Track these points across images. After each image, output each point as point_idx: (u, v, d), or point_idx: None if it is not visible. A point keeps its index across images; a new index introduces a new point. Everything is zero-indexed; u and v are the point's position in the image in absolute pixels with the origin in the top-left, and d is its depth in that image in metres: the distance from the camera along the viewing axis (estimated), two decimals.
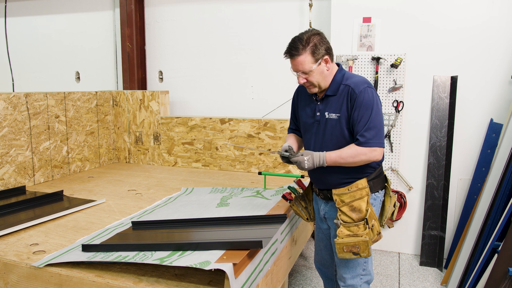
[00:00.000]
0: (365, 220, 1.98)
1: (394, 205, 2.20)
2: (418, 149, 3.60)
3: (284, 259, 2.35)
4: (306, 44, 1.94)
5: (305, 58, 1.95)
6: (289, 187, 2.45)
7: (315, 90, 2.05)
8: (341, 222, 2.00)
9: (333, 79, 2.05)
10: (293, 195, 2.41)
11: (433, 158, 3.52)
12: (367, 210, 1.99)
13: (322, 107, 2.08)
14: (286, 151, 2.09)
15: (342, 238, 1.97)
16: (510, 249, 2.48)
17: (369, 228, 1.98)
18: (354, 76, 2.05)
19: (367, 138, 1.94)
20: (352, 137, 2.02)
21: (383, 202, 2.18)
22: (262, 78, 4.28)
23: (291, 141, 2.30)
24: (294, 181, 2.50)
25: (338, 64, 2.12)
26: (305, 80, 2.02)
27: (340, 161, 1.98)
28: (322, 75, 2.01)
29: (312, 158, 1.99)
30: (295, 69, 2.01)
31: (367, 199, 2.01)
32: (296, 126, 2.35)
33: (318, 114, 2.10)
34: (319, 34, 1.99)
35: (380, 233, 2.04)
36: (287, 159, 2.10)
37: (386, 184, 2.18)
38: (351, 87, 1.98)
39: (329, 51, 2.01)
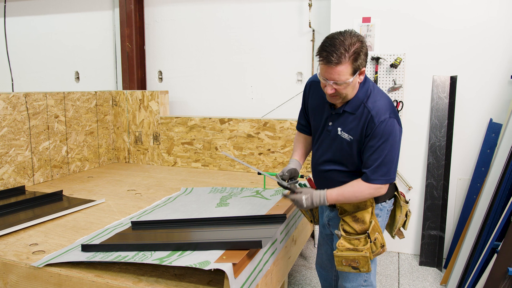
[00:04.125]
0: (366, 234, 1.88)
1: (406, 215, 2.09)
2: (417, 149, 3.61)
3: (283, 259, 2.35)
4: (349, 51, 1.68)
5: (345, 69, 1.69)
6: (299, 185, 2.41)
7: (339, 101, 1.84)
8: (342, 233, 1.92)
9: (356, 95, 1.83)
10: None
11: (433, 158, 3.52)
12: (370, 222, 1.89)
13: (336, 120, 1.90)
14: (283, 178, 2.00)
15: (342, 251, 1.90)
16: (509, 249, 2.48)
17: (371, 242, 1.88)
18: (378, 98, 1.82)
19: (376, 176, 1.80)
20: (361, 160, 1.87)
21: (394, 212, 2.08)
22: (262, 78, 4.28)
23: (298, 154, 2.18)
24: (306, 178, 2.46)
25: None
26: (334, 91, 1.77)
27: (342, 200, 1.86)
28: (354, 87, 1.79)
29: (311, 197, 1.88)
30: (328, 77, 1.73)
31: (372, 210, 1.91)
32: (305, 121, 2.17)
33: (330, 124, 1.93)
34: (362, 41, 1.73)
35: (384, 246, 1.93)
36: (286, 188, 2.02)
37: (396, 193, 2.05)
38: (371, 115, 1.78)
39: (366, 61, 1.78)
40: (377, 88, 1.90)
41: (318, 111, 2.01)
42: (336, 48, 1.67)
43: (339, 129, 1.89)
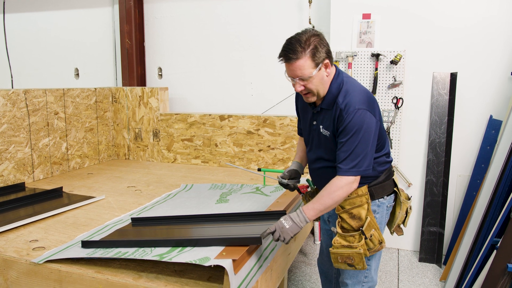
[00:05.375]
0: (360, 231, 1.87)
1: (407, 212, 2.08)
2: (417, 146, 3.61)
3: (283, 255, 2.35)
4: (306, 46, 1.73)
5: (305, 63, 1.74)
6: (307, 180, 2.40)
7: (313, 99, 1.87)
8: (338, 231, 1.92)
9: (329, 90, 1.86)
10: (308, 189, 2.35)
11: (433, 154, 3.52)
12: (366, 218, 1.88)
13: (317, 118, 1.95)
14: (283, 178, 2.09)
15: (337, 248, 1.90)
16: (509, 245, 2.48)
17: (365, 238, 1.87)
18: (351, 93, 1.82)
19: (347, 167, 1.79)
20: None
21: (394, 208, 2.08)
22: (261, 75, 4.28)
23: (299, 156, 2.22)
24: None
25: (335, 66, 1.93)
26: (302, 88, 1.81)
27: (320, 206, 1.82)
28: (322, 81, 1.81)
29: (289, 217, 1.82)
30: (292, 74, 1.79)
31: (368, 207, 1.90)
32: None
33: (314, 123, 1.97)
34: (318, 35, 1.78)
35: (382, 242, 1.92)
36: (286, 186, 2.11)
37: (396, 189, 2.05)
38: (340, 108, 1.80)
39: (329, 54, 1.80)
40: (351, 81, 1.90)
41: (305, 112, 2.06)
42: (292, 45, 1.74)
43: (320, 126, 1.93)
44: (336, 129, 1.84)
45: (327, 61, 1.79)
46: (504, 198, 2.75)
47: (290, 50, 1.75)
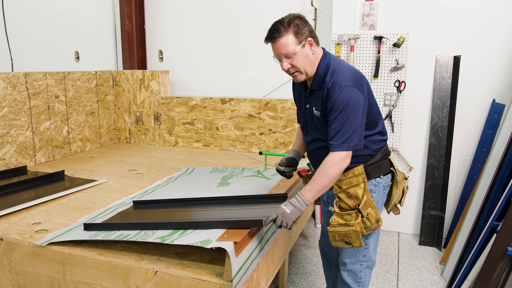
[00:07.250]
0: (357, 209, 1.90)
1: (403, 191, 2.12)
2: (419, 130, 3.59)
3: (284, 238, 2.36)
4: (288, 25, 1.83)
5: (288, 40, 1.82)
6: (308, 164, 2.40)
7: (302, 77, 1.92)
8: (336, 210, 1.94)
9: (317, 71, 1.92)
10: (309, 173, 2.35)
11: (434, 138, 3.51)
12: (363, 197, 1.91)
13: (309, 100, 2.00)
14: (281, 165, 2.15)
15: (335, 226, 1.93)
16: (509, 228, 2.49)
17: (362, 217, 1.90)
18: (337, 72, 1.87)
19: (338, 143, 1.83)
20: None
21: (390, 188, 2.10)
22: (263, 58, 4.24)
23: (297, 144, 2.25)
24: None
25: (323, 48, 1.98)
26: (289, 65, 1.88)
27: (317, 186, 1.85)
28: (308, 59, 1.88)
29: (289, 202, 1.84)
30: (278, 53, 1.87)
31: (364, 186, 1.93)
32: None
33: (307, 106, 2.03)
34: (300, 17, 1.88)
35: (379, 220, 1.96)
36: (282, 173, 2.17)
37: (392, 169, 2.08)
38: (327, 87, 1.86)
39: (312, 34, 1.88)
40: (338, 62, 1.94)
41: (299, 98, 2.12)
42: (276, 27, 1.85)
43: (313, 108, 1.98)
44: (326, 108, 1.89)
45: (310, 39, 1.87)
46: (505, 182, 2.75)
47: (274, 31, 1.85)
